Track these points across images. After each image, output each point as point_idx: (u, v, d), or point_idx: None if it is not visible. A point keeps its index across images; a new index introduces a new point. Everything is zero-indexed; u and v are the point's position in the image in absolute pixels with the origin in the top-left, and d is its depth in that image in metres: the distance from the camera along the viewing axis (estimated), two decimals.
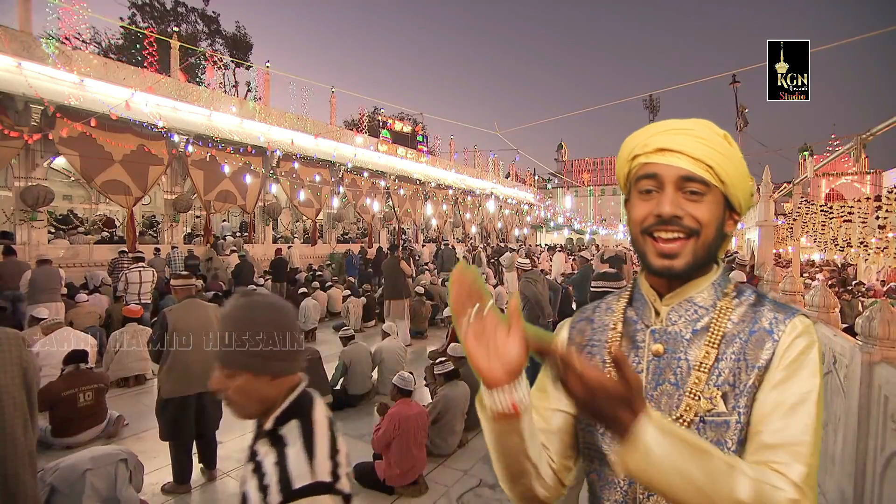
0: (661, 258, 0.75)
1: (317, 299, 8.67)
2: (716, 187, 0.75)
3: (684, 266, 0.74)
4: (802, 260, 16.07)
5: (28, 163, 8.33)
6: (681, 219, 0.74)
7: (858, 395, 2.43)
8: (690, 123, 0.78)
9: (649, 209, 0.76)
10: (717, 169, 0.74)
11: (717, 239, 0.76)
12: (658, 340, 0.78)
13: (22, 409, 1.87)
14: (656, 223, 0.75)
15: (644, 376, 0.77)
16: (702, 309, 0.78)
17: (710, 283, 0.79)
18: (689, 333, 0.77)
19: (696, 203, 0.74)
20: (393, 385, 3.62)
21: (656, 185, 0.76)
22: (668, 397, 0.75)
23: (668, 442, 0.59)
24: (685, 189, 0.74)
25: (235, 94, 13.73)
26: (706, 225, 0.74)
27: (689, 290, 0.78)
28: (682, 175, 0.74)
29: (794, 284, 4.71)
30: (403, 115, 24.91)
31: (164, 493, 3.27)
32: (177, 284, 3.50)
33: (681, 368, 0.75)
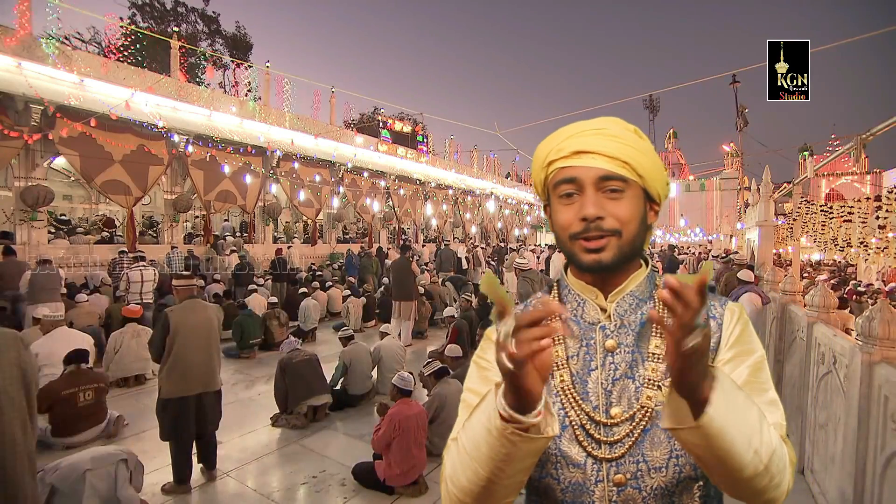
0: (588, 253, 0.76)
1: (317, 299, 8.67)
2: (634, 182, 0.77)
3: (612, 259, 0.76)
4: (802, 260, 16.07)
5: (28, 163, 8.33)
6: (603, 220, 0.75)
7: (858, 395, 2.43)
8: (602, 123, 0.79)
9: (573, 214, 0.77)
10: (633, 164, 0.76)
11: (641, 232, 0.79)
12: (610, 336, 0.79)
13: (20, 409, 1.86)
14: (582, 230, 0.76)
15: (599, 373, 0.78)
16: (642, 301, 0.81)
17: (645, 277, 0.82)
18: (636, 326, 0.79)
19: (616, 201, 0.76)
20: (393, 385, 3.62)
21: (576, 188, 0.77)
22: (626, 390, 0.76)
23: (736, 392, 0.61)
24: (605, 188, 0.76)
25: (235, 94, 13.68)
26: (628, 222, 0.76)
27: (630, 284, 0.81)
28: (600, 175, 0.76)
29: (793, 284, 4.71)
30: (403, 115, 24.94)
31: (164, 493, 3.27)
32: (179, 284, 3.50)
33: (636, 361, 0.77)
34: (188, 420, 3.29)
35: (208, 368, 3.40)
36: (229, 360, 6.68)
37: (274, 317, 7.37)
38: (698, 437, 0.59)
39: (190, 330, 3.30)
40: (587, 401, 0.77)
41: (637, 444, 0.73)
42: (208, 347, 3.41)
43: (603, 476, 0.74)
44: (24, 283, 6.22)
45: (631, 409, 0.74)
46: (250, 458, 3.84)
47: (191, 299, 3.45)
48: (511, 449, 0.62)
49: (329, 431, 4.44)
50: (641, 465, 0.73)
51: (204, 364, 3.37)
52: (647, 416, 0.73)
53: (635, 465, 0.73)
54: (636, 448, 0.73)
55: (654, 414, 0.73)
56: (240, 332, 6.80)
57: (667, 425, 0.62)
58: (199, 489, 3.39)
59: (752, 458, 0.60)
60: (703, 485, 0.74)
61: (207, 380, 3.41)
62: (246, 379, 5.95)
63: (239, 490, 3.41)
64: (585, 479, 0.75)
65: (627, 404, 0.75)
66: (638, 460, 0.73)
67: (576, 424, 0.76)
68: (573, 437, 0.76)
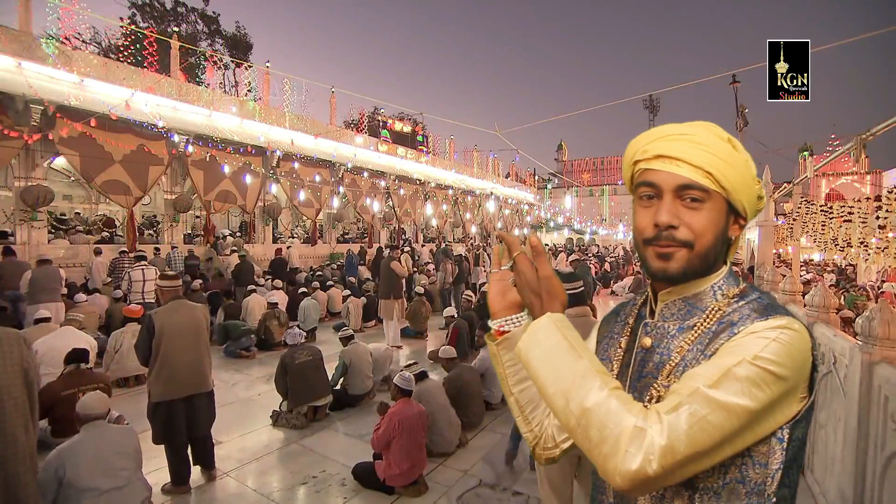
0: (658, 260, 0.76)
1: (317, 299, 8.67)
2: (717, 193, 0.74)
3: (679, 270, 0.75)
4: (802, 260, 16.07)
5: (28, 163, 8.33)
6: (676, 229, 0.74)
7: (858, 395, 2.43)
8: (691, 128, 0.76)
9: (649, 218, 0.76)
10: (716, 175, 0.73)
11: (717, 245, 0.76)
12: (648, 334, 0.81)
13: (23, 409, 1.87)
14: (654, 236, 0.75)
15: (631, 367, 0.81)
16: (695, 309, 0.78)
17: (709, 286, 0.78)
18: (675, 330, 0.78)
19: (694, 211, 0.74)
20: (394, 385, 3.62)
21: (655, 193, 0.76)
22: (647, 388, 0.77)
23: (554, 336, 0.70)
24: (684, 197, 0.74)
25: (235, 94, 13.68)
26: (702, 234, 0.73)
27: (685, 290, 0.79)
28: (680, 183, 0.74)
29: (793, 284, 4.71)
30: (403, 115, 24.92)
31: (163, 493, 3.27)
32: (163, 285, 3.43)
33: (662, 362, 0.77)
34: (178, 423, 3.24)
35: (198, 370, 3.33)
36: (229, 360, 6.68)
37: (274, 317, 7.37)
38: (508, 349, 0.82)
39: (176, 331, 3.23)
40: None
41: None
42: (197, 348, 3.32)
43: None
44: (24, 283, 6.22)
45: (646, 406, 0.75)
46: (250, 458, 3.84)
47: (176, 300, 3.38)
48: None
49: (329, 431, 4.44)
50: None
51: (193, 365, 3.29)
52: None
53: None
54: None
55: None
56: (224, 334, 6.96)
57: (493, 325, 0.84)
58: (198, 489, 3.39)
59: (564, 406, 0.66)
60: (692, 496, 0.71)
61: (198, 381, 3.33)
62: (246, 379, 5.95)
63: (239, 490, 3.41)
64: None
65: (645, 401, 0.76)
66: None
67: None
68: None
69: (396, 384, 3.58)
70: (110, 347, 5.44)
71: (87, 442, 2.48)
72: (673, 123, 0.79)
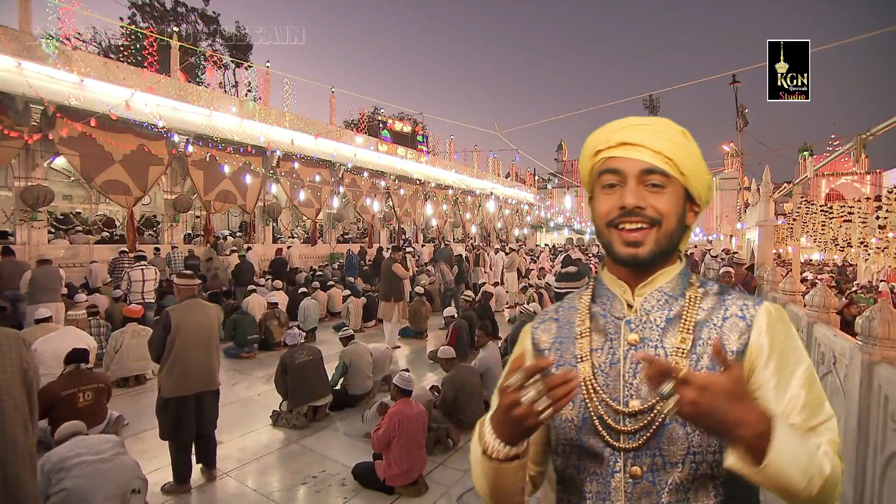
0: (626, 246, 0.78)
1: (317, 299, 8.67)
2: (676, 179, 0.78)
3: (648, 253, 0.77)
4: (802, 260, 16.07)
5: (28, 163, 8.33)
6: (643, 209, 0.76)
7: (858, 395, 2.43)
8: (651, 120, 0.81)
9: (613, 202, 0.78)
10: (676, 161, 0.77)
11: (679, 229, 0.80)
12: (634, 330, 0.80)
13: (22, 409, 1.86)
14: (620, 215, 0.77)
15: (621, 366, 0.79)
16: (672, 298, 0.80)
17: (677, 274, 0.82)
18: (662, 322, 0.79)
19: (657, 194, 0.77)
20: (393, 385, 3.62)
21: (619, 179, 0.78)
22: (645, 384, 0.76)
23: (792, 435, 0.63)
24: (647, 182, 0.77)
25: (235, 94, 13.68)
26: (667, 215, 0.77)
27: (659, 280, 0.81)
28: (643, 168, 0.77)
29: (793, 284, 4.71)
30: (403, 115, 24.93)
31: (163, 493, 3.28)
32: (180, 284, 3.50)
33: (658, 356, 0.77)
34: (188, 419, 3.29)
35: (208, 368, 3.41)
36: (229, 360, 6.68)
37: (274, 317, 7.37)
38: (760, 479, 0.63)
39: (190, 329, 3.30)
40: (607, 392, 0.78)
41: (654, 437, 0.74)
42: (208, 347, 3.41)
43: (620, 467, 0.75)
44: (24, 282, 6.21)
45: (651, 402, 0.75)
46: (250, 458, 3.84)
47: (191, 299, 3.45)
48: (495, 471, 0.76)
49: (329, 431, 4.44)
50: (657, 458, 0.73)
51: (204, 363, 3.38)
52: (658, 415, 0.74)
53: (651, 458, 0.74)
54: (653, 441, 0.74)
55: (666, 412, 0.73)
56: (233, 329, 6.84)
57: (729, 465, 0.65)
58: (199, 489, 3.39)
59: (807, 485, 0.63)
60: (720, 484, 0.73)
61: (207, 379, 3.41)
62: (246, 379, 5.95)
63: (239, 490, 3.41)
64: (603, 470, 0.77)
65: (647, 398, 0.75)
66: (654, 454, 0.74)
67: (595, 415, 0.78)
68: (592, 429, 0.78)
69: (396, 384, 3.58)
70: (110, 348, 5.44)
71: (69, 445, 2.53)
72: (632, 116, 0.83)
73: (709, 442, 0.72)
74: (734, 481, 0.73)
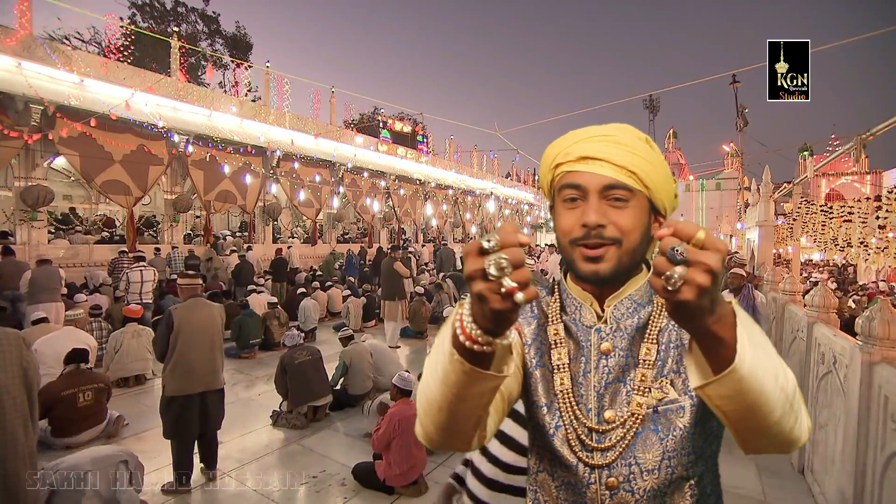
0: (587, 262, 0.75)
1: (317, 299, 8.67)
2: (640, 192, 0.76)
3: (609, 270, 0.75)
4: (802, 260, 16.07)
5: (28, 163, 8.33)
6: (604, 227, 0.74)
7: (858, 395, 2.43)
8: (612, 129, 0.78)
9: (575, 219, 0.76)
10: (640, 174, 0.75)
11: (643, 242, 0.77)
12: (605, 339, 0.79)
13: (22, 409, 1.87)
14: (583, 236, 0.74)
15: (592, 376, 0.78)
16: (640, 306, 0.80)
17: (645, 282, 0.81)
18: (632, 330, 0.79)
19: (620, 210, 0.75)
20: (393, 385, 3.62)
21: (580, 194, 0.76)
22: (617, 394, 0.77)
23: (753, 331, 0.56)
24: (609, 196, 0.75)
25: (235, 94, 13.67)
26: (629, 232, 0.74)
27: (628, 288, 0.80)
28: (605, 183, 0.74)
29: (793, 284, 4.71)
30: (403, 115, 24.94)
31: (164, 493, 3.27)
32: (183, 283, 3.52)
33: (628, 365, 0.77)
34: (191, 418, 3.30)
35: (211, 367, 3.42)
36: (229, 360, 6.66)
37: (274, 317, 7.37)
38: (729, 386, 0.55)
39: (193, 328, 3.32)
40: (581, 403, 0.78)
41: (629, 447, 0.74)
42: (211, 346, 3.42)
43: (595, 479, 0.75)
44: (24, 282, 6.22)
45: (622, 415, 0.75)
46: (250, 458, 3.84)
47: (194, 298, 3.46)
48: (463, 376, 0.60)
49: (329, 431, 4.44)
50: (633, 468, 0.74)
51: (207, 362, 3.39)
52: (638, 422, 0.74)
53: (627, 468, 0.74)
54: (628, 451, 0.74)
55: (646, 417, 0.74)
56: (239, 330, 6.80)
57: (697, 383, 0.59)
58: (199, 489, 3.39)
59: (780, 396, 0.58)
60: (694, 483, 0.74)
61: (211, 378, 3.42)
62: (246, 379, 5.95)
63: (239, 490, 3.41)
64: (577, 481, 0.76)
65: (618, 408, 0.75)
66: (630, 463, 0.74)
67: (569, 427, 0.77)
68: (565, 440, 0.77)
69: (396, 384, 3.59)
70: (110, 348, 5.44)
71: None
72: (593, 126, 0.80)
73: (682, 445, 0.73)
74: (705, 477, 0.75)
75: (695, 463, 0.73)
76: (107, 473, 2.62)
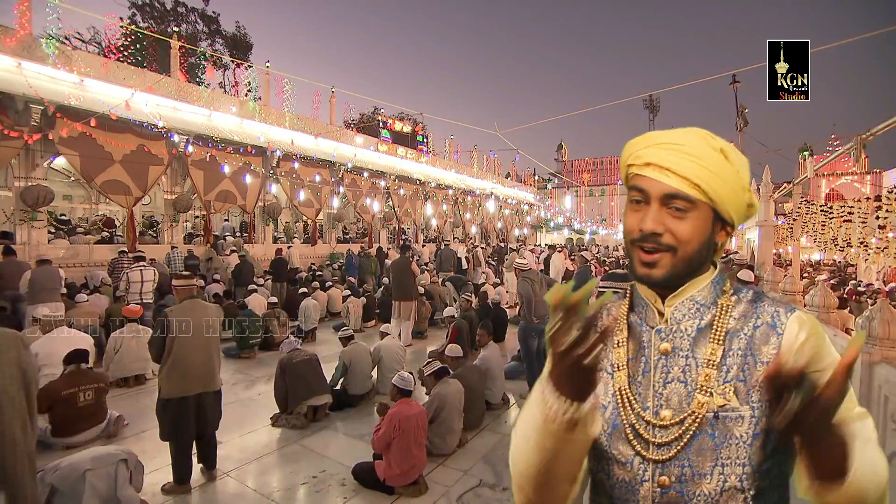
0: (642, 266, 0.78)
1: (317, 299, 8.67)
2: (703, 203, 0.76)
3: (663, 276, 0.77)
4: (802, 260, 16.07)
5: (28, 163, 8.32)
6: (660, 236, 0.76)
7: (858, 395, 2.43)
8: (684, 137, 0.78)
9: (636, 221, 0.78)
10: (704, 186, 0.75)
11: (701, 251, 0.77)
12: (665, 339, 0.80)
13: (20, 409, 1.87)
14: (639, 238, 0.77)
15: (652, 375, 0.79)
16: (703, 307, 0.79)
17: (709, 282, 0.81)
18: (693, 331, 0.78)
19: (679, 220, 0.76)
20: (393, 385, 3.62)
21: (643, 198, 0.78)
22: (678, 395, 0.76)
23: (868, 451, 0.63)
24: (670, 205, 0.76)
25: (235, 94, 13.68)
26: (686, 241, 0.75)
27: (690, 289, 0.80)
28: (666, 192, 0.76)
29: (794, 284, 4.71)
30: (403, 115, 24.93)
31: (164, 493, 3.27)
32: (178, 284, 3.50)
33: (689, 366, 0.77)
34: (188, 420, 3.29)
35: (208, 368, 3.40)
36: (229, 360, 6.67)
37: (274, 317, 7.37)
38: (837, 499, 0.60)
39: (190, 329, 3.29)
40: (640, 402, 0.79)
41: (685, 448, 0.74)
42: (208, 347, 3.40)
43: (649, 476, 0.75)
44: (24, 282, 6.21)
45: (682, 413, 0.75)
46: (250, 458, 3.84)
47: (190, 299, 3.44)
48: (556, 443, 0.69)
49: (329, 431, 4.44)
50: (686, 469, 0.73)
51: (204, 364, 3.37)
52: (697, 422, 0.74)
53: (680, 468, 0.74)
54: (683, 452, 0.74)
55: (705, 420, 0.73)
56: (240, 330, 6.80)
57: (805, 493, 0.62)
58: (199, 489, 3.39)
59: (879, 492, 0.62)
60: (751, 497, 0.72)
61: (207, 380, 3.41)
62: (246, 379, 5.95)
63: (239, 490, 3.41)
64: (632, 478, 0.77)
65: (678, 408, 0.75)
66: (683, 465, 0.74)
67: (627, 424, 0.78)
68: (623, 436, 0.78)
69: (396, 384, 3.58)
70: (110, 348, 5.44)
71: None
72: (667, 130, 0.80)
73: (737, 454, 0.72)
74: (767, 494, 0.73)
75: (751, 476, 0.71)
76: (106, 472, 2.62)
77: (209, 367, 3.41)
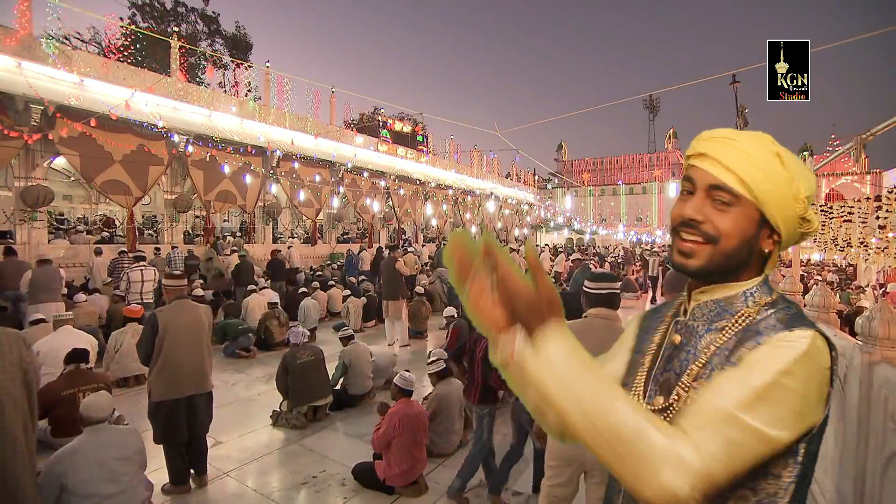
0: (678, 255, 0.79)
1: (317, 299, 8.67)
2: (748, 200, 0.74)
3: (697, 267, 0.77)
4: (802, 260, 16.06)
5: (28, 163, 8.33)
6: (700, 223, 0.76)
7: (858, 395, 2.43)
8: (742, 135, 0.77)
9: (679, 210, 0.79)
10: (749, 182, 0.73)
11: (742, 250, 0.76)
12: (678, 331, 0.83)
13: (22, 409, 1.87)
14: (680, 224, 0.79)
15: (659, 362, 0.83)
16: (725, 312, 0.78)
17: (741, 291, 0.78)
18: (703, 330, 0.79)
19: (721, 212, 0.75)
20: (394, 385, 3.62)
21: (691, 188, 0.79)
22: (668, 384, 0.78)
23: (569, 359, 0.61)
24: (714, 197, 0.76)
25: (235, 94, 13.67)
26: (726, 235, 0.74)
27: (717, 292, 0.80)
28: (711, 182, 0.76)
29: (793, 284, 4.70)
30: (403, 115, 24.93)
31: (163, 493, 3.27)
32: (168, 284, 3.44)
33: (686, 360, 0.78)
34: (179, 423, 3.24)
35: (199, 369, 3.34)
36: (229, 360, 6.68)
37: (274, 317, 7.37)
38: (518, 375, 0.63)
39: (179, 331, 3.24)
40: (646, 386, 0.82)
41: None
42: (199, 348, 3.34)
43: None
44: (24, 282, 6.21)
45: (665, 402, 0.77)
46: (250, 458, 3.84)
47: (179, 300, 3.39)
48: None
49: (329, 431, 4.44)
50: None
51: (195, 365, 3.31)
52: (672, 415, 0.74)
53: None
54: None
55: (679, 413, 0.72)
56: (222, 334, 6.92)
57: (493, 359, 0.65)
58: (198, 489, 3.39)
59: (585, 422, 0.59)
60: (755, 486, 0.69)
61: (198, 381, 3.34)
62: (246, 379, 5.95)
63: (239, 490, 3.41)
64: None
65: (664, 395, 0.78)
66: None
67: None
68: None
69: (396, 384, 3.58)
70: (110, 347, 5.43)
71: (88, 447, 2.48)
72: (727, 128, 0.79)
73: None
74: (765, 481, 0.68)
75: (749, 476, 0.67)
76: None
77: (200, 368, 3.34)
